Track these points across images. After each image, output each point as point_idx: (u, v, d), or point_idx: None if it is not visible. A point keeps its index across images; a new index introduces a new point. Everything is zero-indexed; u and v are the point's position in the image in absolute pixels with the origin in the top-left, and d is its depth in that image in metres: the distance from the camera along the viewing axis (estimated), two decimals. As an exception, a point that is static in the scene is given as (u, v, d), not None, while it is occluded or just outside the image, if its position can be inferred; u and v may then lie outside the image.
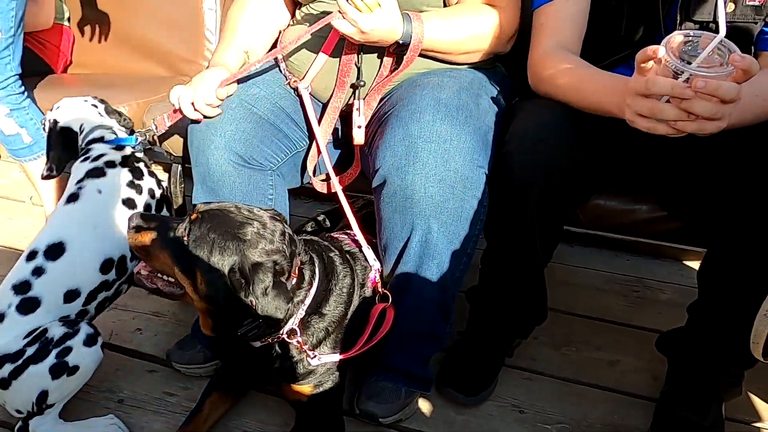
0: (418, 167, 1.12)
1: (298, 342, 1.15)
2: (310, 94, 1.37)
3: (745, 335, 1.22)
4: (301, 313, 1.14)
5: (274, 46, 1.48)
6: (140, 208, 1.39)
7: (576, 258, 2.01)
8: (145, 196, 1.42)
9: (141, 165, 1.46)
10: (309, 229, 1.72)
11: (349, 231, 1.35)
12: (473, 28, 1.29)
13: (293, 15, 1.48)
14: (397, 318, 1.25)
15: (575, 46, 1.28)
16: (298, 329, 1.15)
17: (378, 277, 1.27)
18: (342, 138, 1.45)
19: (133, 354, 1.54)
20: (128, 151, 1.46)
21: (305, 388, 1.23)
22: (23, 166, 1.90)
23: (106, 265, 1.30)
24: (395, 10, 1.18)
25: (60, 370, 1.17)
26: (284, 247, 1.09)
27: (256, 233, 1.06)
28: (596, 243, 2.06)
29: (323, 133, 1.35)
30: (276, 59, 1.44)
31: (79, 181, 1.37)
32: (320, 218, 1.67)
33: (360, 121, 1.29)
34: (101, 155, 1.42)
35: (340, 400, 1.29)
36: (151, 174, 1.46)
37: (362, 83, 1.30)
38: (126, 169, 1.41)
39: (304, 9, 1.40)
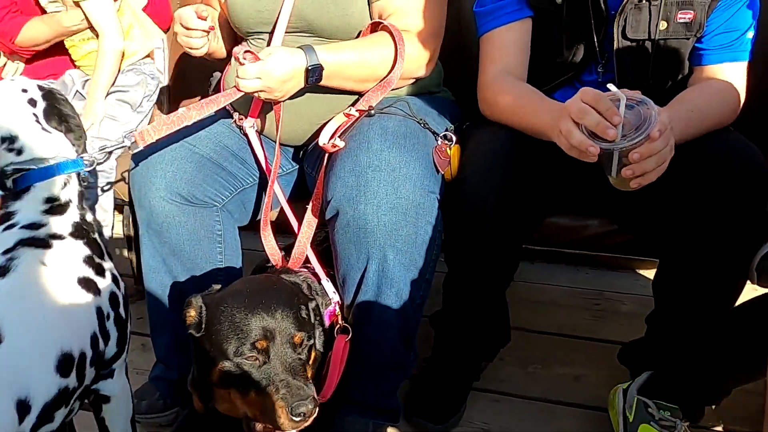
0: (369, 196, 1.12)
1: None
2: (257, 131, 1.37)
3: (701, 343, 1.25)
4: None
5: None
6: (104, 302, 1.00)
7: (538, 275, 2.03)
8: (108, 282, 1.02)
9: (97, 235, 1.05)
10: (270, 264, 1.69)
11: (308, 264, 1.34)
12: (376, 55, 1.26)
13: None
14: (360, 350, 1.23)
15: (521, 70, 1.32)
16: None
17: (337, 309, 1.26)
18: (293, 168, 1.45)
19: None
20: (75, 215, 1.01)
21: (271, 430, 1.19)
22: None
23: (64, 364, 0.89)
24: (282, 53, 1.18)
25: None
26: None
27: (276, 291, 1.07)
28: (557, 259, 2.09)
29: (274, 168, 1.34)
30: (219, 87, 1.44)
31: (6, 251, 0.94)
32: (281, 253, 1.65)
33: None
34: (35, 225, 0.97)
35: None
36: (109, 254, 1.07)
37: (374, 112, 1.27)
38: (80, 241, 1.00)
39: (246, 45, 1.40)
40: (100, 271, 1.01)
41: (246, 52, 1.19)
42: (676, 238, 1.19)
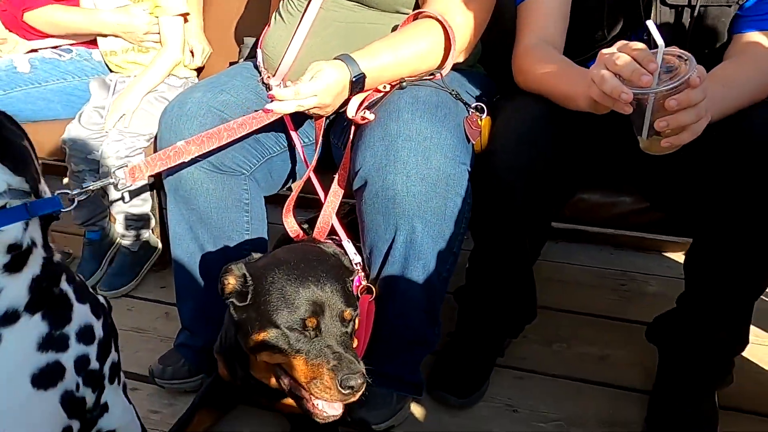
0: (398, 166, 1.10)
1: None
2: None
3: (734, 323, 1.22)
4: None
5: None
6: (70, 377, 0.80)
7: (561, 254, 2.00)
8: (75, 349, 0.81)
9: (64, 284, 0.82)
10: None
11: (333, 236, 1.33)
12: (414, 51, 1.23)
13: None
14: (384, 323, 1.23)
15: (558, 39, 1.29)
16: None
17: (362, 277, 1.25)
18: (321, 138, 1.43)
19: None
20: (37, 265, 0.79)
21: (300, 400, 1.20)
22: None
23: None
24: (329, 69, 1.15)
25: None
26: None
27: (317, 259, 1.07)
28: (580, 238, 2.06)
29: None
30: (255, 50, 1.42)
31: None
32: (304, 226, 1.65)
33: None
34: None
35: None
36: (81, 293, 0.84)
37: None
38: (38, 316, 0.78)
39: (286, 6, 1.38)
40: (62, 345, 0.80)
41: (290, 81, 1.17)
42: (711, 216, 1.16)
